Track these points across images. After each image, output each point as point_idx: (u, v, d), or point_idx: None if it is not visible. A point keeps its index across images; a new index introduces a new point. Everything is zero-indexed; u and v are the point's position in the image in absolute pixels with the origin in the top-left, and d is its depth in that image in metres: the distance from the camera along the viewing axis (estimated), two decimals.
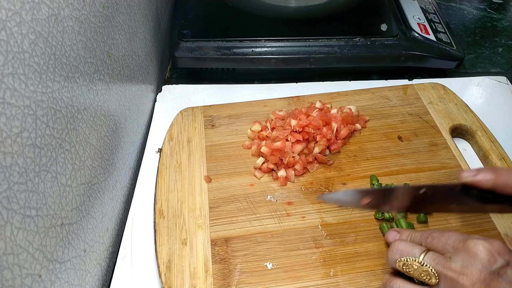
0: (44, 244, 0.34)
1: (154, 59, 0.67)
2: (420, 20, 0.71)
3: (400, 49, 0.66)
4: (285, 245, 0.46)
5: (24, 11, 0.31)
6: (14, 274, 0.30)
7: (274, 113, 0.59)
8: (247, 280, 0.44)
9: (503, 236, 0.46)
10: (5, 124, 0.29)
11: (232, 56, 0.66)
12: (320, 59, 0.66)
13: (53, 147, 0.35)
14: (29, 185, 0.32)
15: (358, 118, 0.58)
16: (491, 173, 0.38)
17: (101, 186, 0.46)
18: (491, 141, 0.55)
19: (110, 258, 0.49)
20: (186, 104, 0.63)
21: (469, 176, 0.38)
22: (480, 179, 0.38)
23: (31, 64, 0.32)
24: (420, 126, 0.58)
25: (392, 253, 0.39)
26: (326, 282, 0.43)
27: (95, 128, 0.44)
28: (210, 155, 0.55)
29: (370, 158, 0.54)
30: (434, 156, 0.54)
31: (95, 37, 0.44)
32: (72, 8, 0.38)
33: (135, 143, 0.58)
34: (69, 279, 0.38)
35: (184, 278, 0.44)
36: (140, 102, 0.60)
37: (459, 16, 0.84)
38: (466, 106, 0.60)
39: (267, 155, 0.53)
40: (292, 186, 0.52)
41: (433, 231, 0.39)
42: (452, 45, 0.68)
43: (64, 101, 0.37)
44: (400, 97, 0.62)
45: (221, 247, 0.46)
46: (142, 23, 0.60)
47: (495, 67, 0.73)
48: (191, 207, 0.50)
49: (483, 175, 0.38)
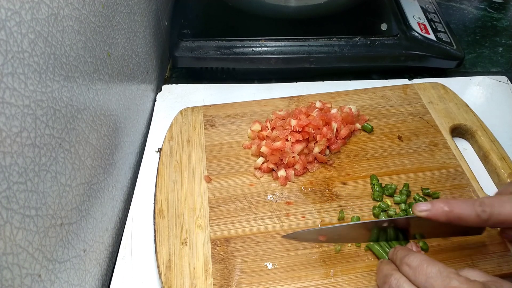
0: (43, 244, 0.34)
1: (154, 59, 0.67)
2: (420, 19, 0.71)
3: (400, 49, 0.66)
4: (285, 245, 0.46)
5: (24, 10, 0.31)
6: (13, 274, 0.30)
7: (274, 113, 0.59)
8: (247, 280, 0.43)
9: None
10: (5, 124, 0.29)
11: (232, 56, 0.66)
12: (320, 59, 0.66)
13: (52, 147, 0.35)
14: (29, 185, 0.32)
15: (358, 118, 0.58)
16: (443, 207, 0.38)
17: (101, 186, 0.46)
18: (491, 140, 0.55)
19: (110, 258, 0.48)
20: (186, 104, 0.63)
21: (422, 211, 0.38)
22: (433, 215, 0.38)
23: (30, 63, 0.32)
24: (420, 125, 0.58)
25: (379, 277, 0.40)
26: (326, 282, 0.43)
27: (95, 127, 0.44)
28: (210, 155, 0.55)
29: (370, 158, 0.54)
30: (434, 156, 0.54)
31: (95, 36, 0.44)
32: (72, 7, 0.38)
33: (135, 142, 0.58)
34: (69, 279, 0.38)
35: (184, 278, 0.44)
36: (140, 101, 0.60)
37: (459, 15, 0.84)
38: (466, 106, 0.60)
39: (267, 155, 0.53)
40: (292, 186, 0.52)
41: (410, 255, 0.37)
42: (452, 45, 0.68)
43: (63, 100, 0.37)
44: (400, 97, 0.62)
45: (221, 247, 0.46)
46: (142, 23, 0.60)
47: (495, 67, 0.73)
48: (191, 207, 0.50)
49: (436, 211, 0.38)
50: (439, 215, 0.38)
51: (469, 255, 0.45)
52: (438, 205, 0.38)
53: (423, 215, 0.38)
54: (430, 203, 0.38)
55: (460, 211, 0.37)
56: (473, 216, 0.37)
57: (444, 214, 0.38)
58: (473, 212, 0.37)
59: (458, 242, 0.45)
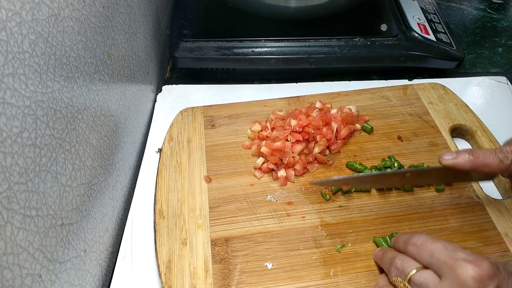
0: (44, 244, 0.34)
1: (154, 59, 0.67)
2: (420, 20, 0.71)
3: (400, 49, 0.66)
4: (285, 245, 0.46)
5: (24, 11, 0.31)
6: (14, 274, 0.30)
7: (274, 113, 0.59)
8: (247, 280, 0.44)
9: (503, 236, 0.46)
10: (5, 124, 0.29)
11: (232, 56, 0.66)
12: (320, 59, 0.66)
13: (53, 147, 0.35)
14: (29, 185, 0.32)
15: (358, 118, 0.58)
16: (469, 156, 0.41)
17: (101, 186, 0.46)
18: (491, 141, 0.55)
19: (110, 258, 0.49)
20: (186, 104, 0.63)
21: (448, 159, 0.41)
22: (459, 162, 0.41)
23: (31, 64, 0.32)
24: (420, 126, 0.58)
25: (384, 262, 0.41)
26: (326, 282, 0.43)
27: (95, 128, 0.44)
28: (210, 155, 0.55)
29: (370, 158, 0.54)
30: (434, 156, 0.54)
31: (95, 37, 0.44)
32: (72, 8, 0.38)
33: (135, 143, 0.58)
34: (69, 279, 0.38)
35: (184, 278, 0.44)
36: (140, 102, 0.60)
37: (459, 16, 0.84)
38: (466, 106, 0.60)
39: (267, 155, 0.53)
40: (292, 186, 0.52)
41: (414, 236, 0.38)
42: (452, 45, 0.68)
43: (64, 101, 0.37)
44: (400, 97, 0.62)
45: (221, 247, 0.46)
46: (142, 23, 0.60)
47: (495, 67, 0.73)
48: (191, 207, 0.50)
49: (461, 158, 0.41)
50: (464, 163, 0.41)
51: None
52: (462, 153, 0.41)
53: (449, 163, 0.41)
54: (455, 153, 0.41)
55: (484, 158, 0.40)
56: (496, 162, 0.40)
57: (470, 162, 0.40)
58: (496, 159, 0.40)
59: (457, 242, 0.45)
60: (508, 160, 0.40)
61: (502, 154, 0.40)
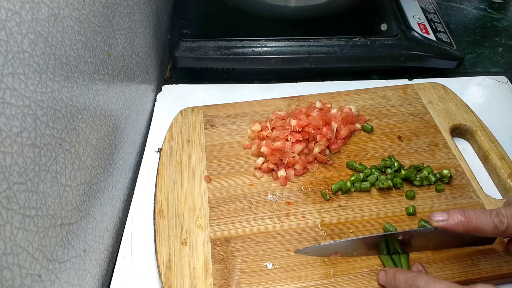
0: (43, 244, 0.34)
1: (154, 59, 0.67)
2: (420, 20, 0.71)
3: (400, 49, 0.66)
4: (285, 245, 0.46)
5: (24, 11, 0.31)
6: (13, 274, 0.30)
7: (274, 113, 0.59)
8: (247, 280, 0.43)
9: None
10: (5, 124, 0.29)
11: (232, 56, 0.66)
12: (320, 59, 0.66)
13: (52, 147, 0.35)
14: (29, 185, 0.32)
15: (358, 118, 0.58)
16: (461, 217, 0.37)
17: (101, 186, 0.46)
18: (491, 141, 0.55)
19: (110, 258, 0.49)
20: (186, 104, 0.63)
21: (439, 221, 0.38)
22: (451, 225, 0.37)
23: (31, 64, 0.32)
24: (420, 126, 0.58)
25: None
26: (326, 282, 0.43)
27: (95, 128, 0.44)
28: (210, 155, 0.55)
29: (370, 158, 0.54)
30: (434, 156, 0.54)
31: (95, 37, 0.44)
32: (72, 8, 0.38)
33: (135, 143, 0.58)
34: (69, 279, 0.38)
35: (184, 278, 0.44)
36: (140, 102, 0.60)
37: (459, 16, 0.84)
38: (466, 106, 0.60)
39: (267, 155, 0.53)
40: (292, 186, 0.52)
41: (417, 277, 0.37)
42: (452, 45, 0.68)
43: (64, 101, 0.37)
44: (400, 97, 0.62)
45: (221, 247, 0.46)
46: (142, 23, 0.60)
47: (495, 67, 0.73)
48: (191, 207, 0.50)
49: (453, 220, 0.37)
50: (456, 226, 0.37)
51: (469, 255, 0.45)
52: (455, 215, 0.37)
53: (440, 225, 0.38)
54: (446, 213, 0.38)
55: (478, 222, 0.37)
56: (491, 226, 0.36)
57: (462, 224, 0.37)
58: (491, 223, 0.36)
59: None
60: (503, 225, 0.36)
61: (498, 219, 0.36)
